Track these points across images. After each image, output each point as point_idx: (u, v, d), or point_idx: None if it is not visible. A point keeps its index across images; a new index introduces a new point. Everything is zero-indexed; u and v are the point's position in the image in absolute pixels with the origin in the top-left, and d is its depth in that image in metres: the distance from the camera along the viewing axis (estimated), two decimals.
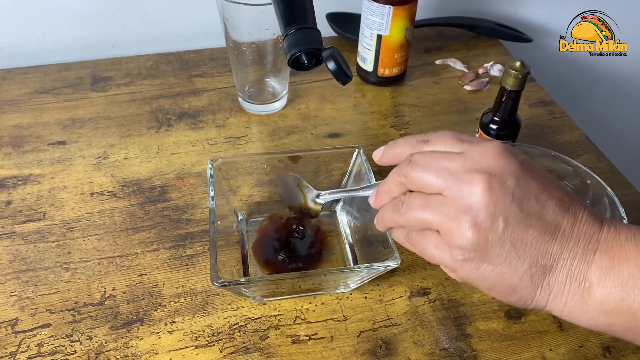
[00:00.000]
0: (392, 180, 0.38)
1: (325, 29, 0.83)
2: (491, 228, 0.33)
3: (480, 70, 0.78)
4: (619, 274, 0.32)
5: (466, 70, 0.79)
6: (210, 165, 0.51)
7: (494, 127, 0.58)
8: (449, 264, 0.36)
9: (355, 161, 0.54)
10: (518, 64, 0.54)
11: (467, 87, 0.75)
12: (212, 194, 0.49)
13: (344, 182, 0.55)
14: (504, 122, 0.58)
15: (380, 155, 0.41)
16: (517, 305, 0.36)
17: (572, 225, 0.33)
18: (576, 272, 0.33)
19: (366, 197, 0.43)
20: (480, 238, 0.33)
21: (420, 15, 0.85)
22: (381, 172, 0.61)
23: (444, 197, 0.34)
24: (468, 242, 0.33)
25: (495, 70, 0.78)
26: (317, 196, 0.48)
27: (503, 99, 0.57)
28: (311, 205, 0.49)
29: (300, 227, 0.53)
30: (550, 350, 0.46)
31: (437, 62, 0.80)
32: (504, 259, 0.34)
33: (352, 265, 0.51)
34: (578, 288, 0.33)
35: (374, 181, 0.50)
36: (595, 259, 0.33)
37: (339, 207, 0.56)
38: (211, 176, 0.50)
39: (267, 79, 0.69)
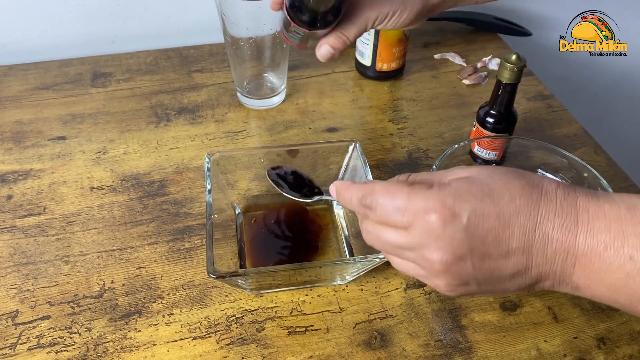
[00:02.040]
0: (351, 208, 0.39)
1: None
2: (461, 286, 0.35)
3: (479, 64, 0.78)
4: (602, 283, 0.32)
5: (465, 65, 0.79)
6: (207, 159, 0.51)
7: (491, 120, 0.58)
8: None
9: (351, 155, 0.54)
10: (514, 57, 0.54)
11: (466, 82, 0.75)
12: (208, 187, 0.49)
13: (340, 176, 0.55)
14: (500, 116, 0.58)
15: (333, 195, 0.41)
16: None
17: (544, 250, 0.33)
18: (561, 283, 0.34)
19: None
20: (455, 286, 0.35)
21: None
22: (378, 166, 0.62)
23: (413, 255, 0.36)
24: (443, 290, 0.36)
25: (494, 64, 0.78)
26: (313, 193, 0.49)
27: (499, 92, 0.57)
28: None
29: (297, 221, 0.53)
30: (545, 341, 0.46)
31: (436, 56, 0.80)
32: (485, 289, 0.35)
33: (347, 257, 0.51)
34: (567, 287, 0.34)
35: (369, 175, 0.50)
36: (575, 271, 0.33)
37: (335, 201, 0.56)
38: (208, 170, 0.51)
39: (266, 74, 0.69)
